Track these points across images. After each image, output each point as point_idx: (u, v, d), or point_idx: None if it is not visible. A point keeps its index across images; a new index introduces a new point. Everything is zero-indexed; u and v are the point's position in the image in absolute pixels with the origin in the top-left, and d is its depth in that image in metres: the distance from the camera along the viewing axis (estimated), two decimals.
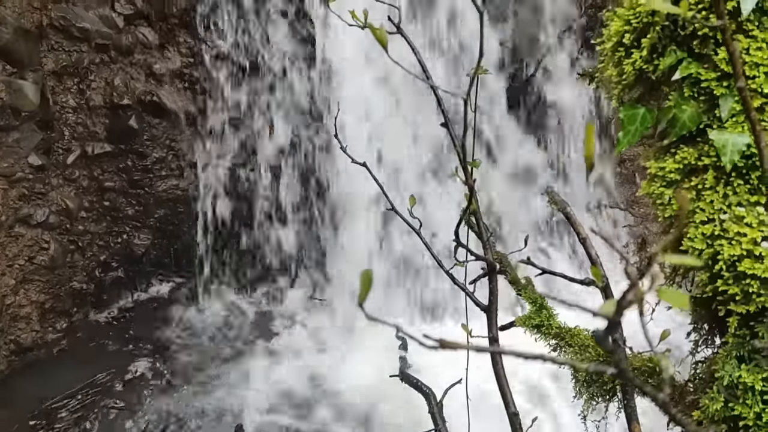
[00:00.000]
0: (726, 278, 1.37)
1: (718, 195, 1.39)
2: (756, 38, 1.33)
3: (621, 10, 1.52)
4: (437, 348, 0.60)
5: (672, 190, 1.46)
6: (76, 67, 3.97)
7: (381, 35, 1.10)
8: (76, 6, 3.97)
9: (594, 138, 0.78)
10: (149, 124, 4.25)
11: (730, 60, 0.96)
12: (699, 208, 1.43)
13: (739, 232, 1.35)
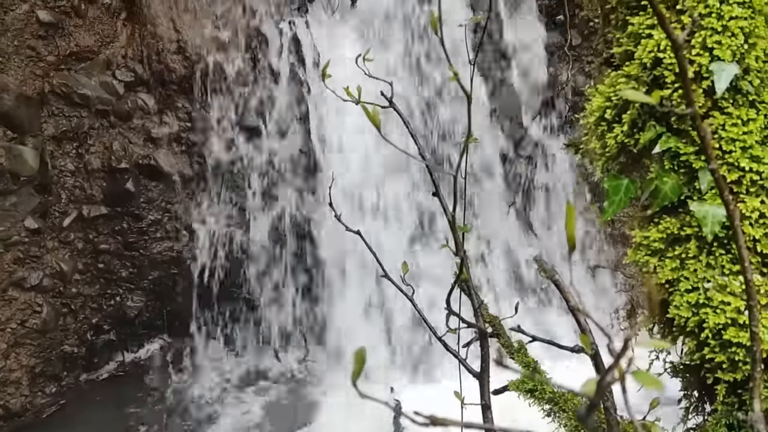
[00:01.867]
0: (712, 346, 1.40)
1: (701, 264, 1.43)
2: (731, 115, 1.39)
3: (602, 87, 1.60)
4: (428, 425, 0.62)
5: (657, 259, 1.51)
6: (76, 131, 4.06)
7: (374, 116, 1.16)
8: (78, 73, 4.09)
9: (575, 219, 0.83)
10: (146, 186, 4.31)
11: (702, 144, 1.02)
12: (683, 277, 1.47)
13: (723, 301, 1.39)
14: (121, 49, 4.29)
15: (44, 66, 3.95)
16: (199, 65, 4.43)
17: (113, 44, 4.25)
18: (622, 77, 1.55)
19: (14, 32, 3.73)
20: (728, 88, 1.38)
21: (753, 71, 1.39)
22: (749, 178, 1.37)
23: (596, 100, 1.60)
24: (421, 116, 4.36)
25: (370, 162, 4.18)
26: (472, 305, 1.58)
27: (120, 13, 4.32)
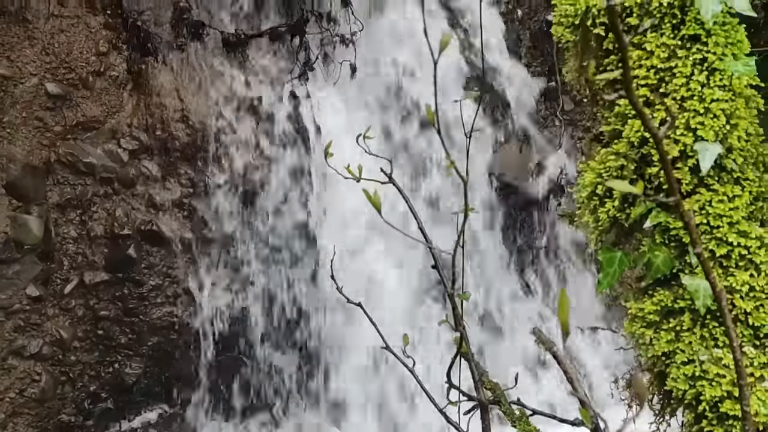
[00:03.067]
0: (710, 419, 1.42)
1: (696, 336, 1.46)
2: (717, 191, 1.45)
3: (593, 163, 1.67)
4: None
5: (652, 331, 1.54)
6: (80, 199, 4.13)
7: (375, 199, 1.22)
8: (83, 142, 4.19)
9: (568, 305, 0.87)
10: (147, 252, 4.35)
11: (687, 229, 1.07)
12: (679, 349, 1.50)
13: (719, 374, 1.41)
14: (127, 118, 4.40)
15: (51, 136, 4.05)
16: (201, 133, 4.54)
17: (119, 114, 4.37)
18: (611, 154, 1.62)
19: (23, 104, 3.85)
20: (713, 166, 1.44)
21: (736, 150, 1.46)
22: (738, 253, 1.42)
23: (588, 176, 1.66)
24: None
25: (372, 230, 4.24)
26: (473, 378, 1.60)
27: (126, 84, 4.45)
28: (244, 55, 4.90)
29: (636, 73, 1.55)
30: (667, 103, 1.47)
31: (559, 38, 1.71)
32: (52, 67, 4.01)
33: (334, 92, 4.81)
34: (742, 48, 1.49)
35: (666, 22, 1.52)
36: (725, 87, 1.46)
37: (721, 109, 1.44)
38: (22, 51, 3.90)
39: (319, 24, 4.94)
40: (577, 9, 1.63)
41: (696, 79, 1.47)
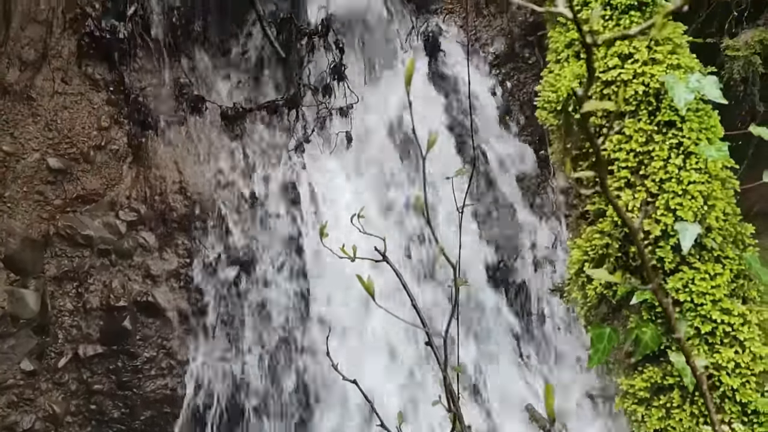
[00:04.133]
0: None
1: (686, 413, 1.48)
2: (699, 270, 1.50)
3: (579, 241, 1.72)
4: None
5: (644, 408, 1.56)
6: (77, 271, 4.15)
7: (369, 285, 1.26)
8: (82, 215, 4.24)
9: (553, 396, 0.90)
10: (143, 323, 4.34)
11: (665, 315, 1.12)
12: (670, 426, 1.52)
13: None
14: (126, 190, 4.48)
15: (51, 209, 4.11)
16: (198, 204, 4.61)
17: (118, 186, 4.44)
18: (596, 233, 1.68)
19: (25, 179, 3.92)
20: (694, 245, 1.50)
21: (715, 230, 1.51)
22: (722, 330, 1.46)
23: (575, 253, 1.72)
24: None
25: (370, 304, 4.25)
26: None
27: (126, 157, 4.55)
28: (242, 128, 5.03)
29: (617, 155, 1.63)
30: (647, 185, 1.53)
31: (543, 122, 1.80)
32: (54, 142, 4.11)
33: (330, 162, 4.91)
34: (716, 132, 1.57)
35: (642, 109, 1.60)
36: (701, 170, 1.53)
37: (699, 191, 1.51)
38: (26, 127, 4.01)
39: (315, 97, 5.09)
40: (558, 96, 1.72)
41: (673, 162, 1.54)
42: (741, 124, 3.51)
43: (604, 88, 1.68)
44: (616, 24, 1.68)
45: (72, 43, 4.26)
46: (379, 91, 5.11)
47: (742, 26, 3.50)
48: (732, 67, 3.41)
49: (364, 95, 5.01)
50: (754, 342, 1.43)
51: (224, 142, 4.91)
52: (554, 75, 1.76)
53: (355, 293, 4.24)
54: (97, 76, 4.44)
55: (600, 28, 1.69)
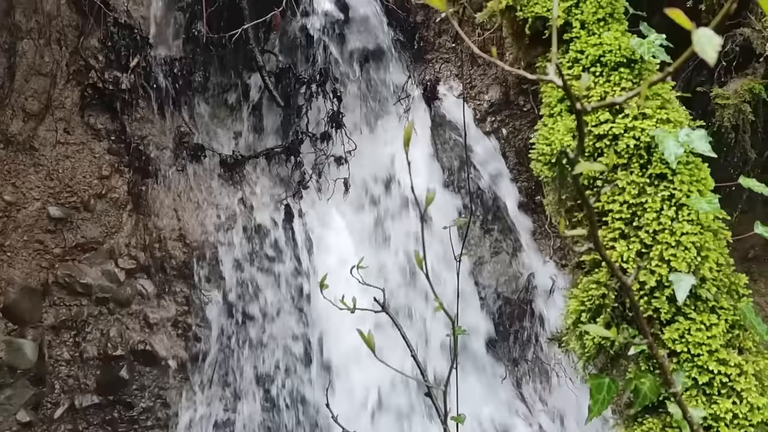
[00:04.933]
0: None
1: None
2: (694, 320, 1.52)
3: (576, 291, 1.74)
4: None
5: None
6: (75, 320, 4.14)
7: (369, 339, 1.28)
8: (81, 263, 4.25)
9: None
10: (140, 372, 4.31)
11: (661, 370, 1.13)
12: None
13: None
14: (125, 238, 4.50)
15: (50, 258, 4.13)
16: (197, 251, 4.63)
17: (118, 234, 4.47)
18: (593, 283, 1.70)
19: (25, 228, 3.95)
20: (688, 295, 1.52)
21: (709, 280, 1.54)
22: (719, 380, 1.47)
23: (572, 303, 1.74)
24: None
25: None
26: None
27: (126, 205, 4.58)
28: (240, 175, 5.09)
29: (610, 207, 1.66)
30: (641, 236, 1.56)
31: (538, 174, 1.84)
32: (55, 191, 4.15)
33: (328, 209, 4.95)
34: (707, 185, 1.61)
35: (634, 162, 1.64)
36: (693, 221, 1.56)
37: (691, 242, 1.54)
38: (27, 177, 4.05)
39: (313, 144, 5.16)
40: (552, 149, 1.77)
41: (666, 214, 1.57)
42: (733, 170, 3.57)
43: (597, 141, 1.72)
44: (606, 80, 1.74)
45: (75, 94, 4.34)
46: (377, 139, 5.18)
47: (731, 75, 3.59)
48: (722, 114, 3.49)
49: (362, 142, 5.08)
50: (751, 392, 1.44)
51: (223, 189, 4.96)
52: (548, 129, 1.80)
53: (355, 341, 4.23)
54: (99, 126, 4.51)
55: (591, 84, 1.75)
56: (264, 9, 4.88)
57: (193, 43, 4.92)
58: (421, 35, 5.50)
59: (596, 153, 1.71)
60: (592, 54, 1.76)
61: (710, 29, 0.73)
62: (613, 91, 1.73)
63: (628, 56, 1.73)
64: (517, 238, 4.86)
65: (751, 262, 3.81)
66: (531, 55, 2.03)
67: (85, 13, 4.34)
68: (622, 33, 1.80)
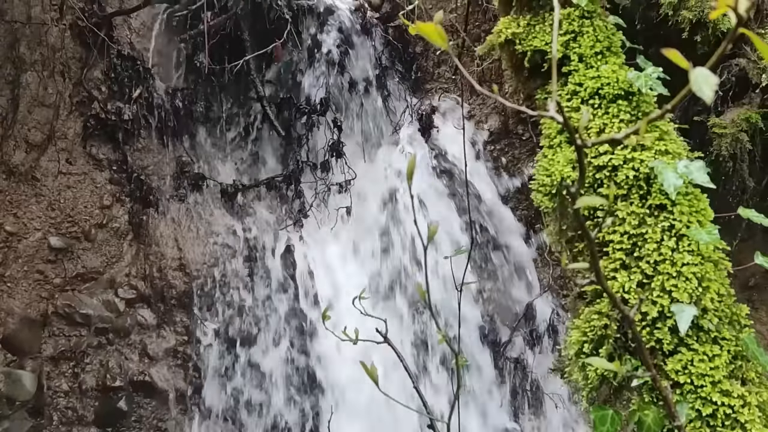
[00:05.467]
0: None
1: None
2: (697, 351, 1.52)
3: (578, 322, 1.74)
4: None
5: None
6: (74, 351, 4.12)
7: (372, 371, 1.27)
8: (81, 293, 4.25)
9: None
10: (138, 404, 4.27)
11: (664, 401, 1.13)
12: None
13: None
14: (126, 267, 4.50)
15: (50, 288, 4.12)
16: (198, 280, 4.62)
17: (118, 264, 4.47)
18: (594, 313, 1.70)
19: (26, 258, 3.95)
20: (691, 326, 1.52)
21: (711, 311, 1.54)
22: (723, 412, 1.46)
23: (574, 334, 1.74)
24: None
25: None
26: None
27: (127, 235, 4.59)
28: (241, 204, 5.11)
29: (611, 237, 1.67)
30: (641, 267, 1.56)
31: (539, 204, 1.85)
32: (56, 221, 4.16)
33: (329, 237, 4.96)
34: (706, 215, 1.62)
35: (634, 193, 1.66)
36: (694, 252, 1.57)
37: (692, 272, 1.55)
38: (29, 207, 4.07)
39: (313, 173, 5.20)
40: (552, 180, 1.78)
41: (666, 244, 1.58)
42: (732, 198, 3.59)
43: (596, 172, 1.74)
44: (604, 112, 1.76)
45: (78, 125, 4.37)
46: (377, 168, 5.21)
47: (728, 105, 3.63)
48: (720, 144, 3.52)
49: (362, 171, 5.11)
50: (755, 424, 1.44)
51: (224, 218, 4.97)
52: (548, 160, 1.82)
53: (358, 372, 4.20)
54: (101, 156, 4.54)
55: (590, 116, 1.77)
56: (265, 40, 4.96)
57: (195, 74, 4.98)
58: (420, 65, 5.57)
59: (596, 184, 1.73)
60: (591, 86, 1.78)
61: (706, 69, 0.75)
62: (611, 123, 1.75)
63: (625, 89, 1.76)
64: (516, 266, 4.86)
65: (752, 290, 3.81)
66: (530, 87, 2.05)
67: (88, 45, 4.40)
68: (620, 66, 1.83)
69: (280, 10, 5.04)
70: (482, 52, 2.00)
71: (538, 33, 1.91)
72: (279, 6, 5.05)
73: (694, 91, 0.74)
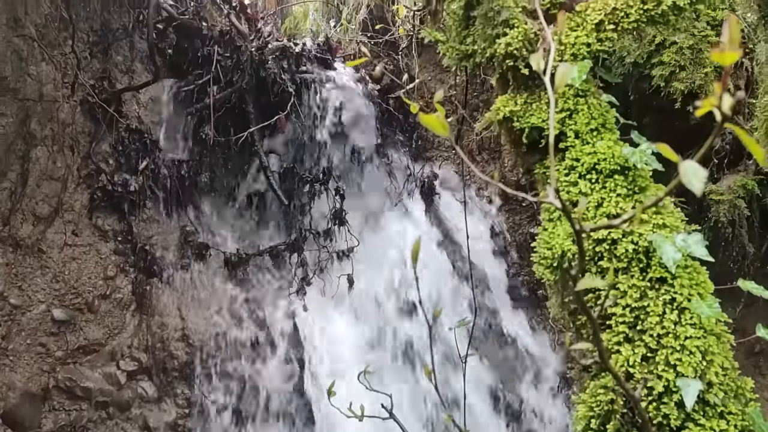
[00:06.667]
0: None
1: None
2: (704, 426, 1.51)
3: (585, 396, 1.74)
4: None
5: None
6: (74, 426, 4.05)
7: None
8: (82, 366, 4.21)
9: None
10: None
11: None
12: None
13: None
14: (128, 338, 4.48)
15: (52, 361, 4.09)
16: (200, 351, 4.59)
17: (120, 335, 4.45)
18: (600, 387, 1.70)
19: (29, 331, 3.94)
20: (696, 401, 1.52)
21: (716, 385, 1.54)
22: None
23: (581, 409, 1.73)
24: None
25: None
26: None
27: (130, 305, 4.59)
28: (244, 273, 5.13)
29: (613, 310, 1.69)
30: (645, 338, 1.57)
31: (540, 277, 1.88)
32: (60, 293, 4.17)
33: (331, 305, 4.95)
34: (707, 288, 1.64)
35: (634, 266, 1.68)
36: (696, 325, 1.58)
37: (696, 346, 1.56)
38: (34, 280, 4.08)
39: (316, 241, 5.23)
40: (553, 253, 1.81)
41: (668, 317, 1.60)
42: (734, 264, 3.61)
43: (596, 245, 1.77)
44: (602, 187, 1.81)
45: (84, 197, 4.44)
46: (378, 235, 5.26)
47: (723, 172, 3.70)
48: (718, 210, 3.57)
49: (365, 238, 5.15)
50: None
51: (227, 287, 4.98)
52: (548, 233, 1.86)
53: None
54: (107, 227, 4.58)
55: (588, 190, 1.82)
56: (269, 112, 5.09)
57: (201, 146, 5.08)
58: (420, 134, 5.70)
59: (596, 257, 1.76)
60: (588, 162, 1.84)
61: (695, 162, 0.79)
62: (609, 197, 1.79)
63: (621, 164, 1.81)
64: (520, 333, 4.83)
65: (758, 356, 3.78)
66: (529, 162, 2.11)
67: (98, 120, 4.52)
68: (615, 142, 1.88)
69: (284, 83, 5.19)
70: (481, 129, 2.06)
71: (534, 111, 1.98)
72: (283, 80, 5.21)
73: (684, 184, 0.78)
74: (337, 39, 6.33)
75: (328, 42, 5.92)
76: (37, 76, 3.95)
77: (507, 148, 2.16)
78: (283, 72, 5.23)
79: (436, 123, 1.02)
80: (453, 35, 2.15)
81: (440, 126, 1.03)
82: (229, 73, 5.05)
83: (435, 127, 1.03)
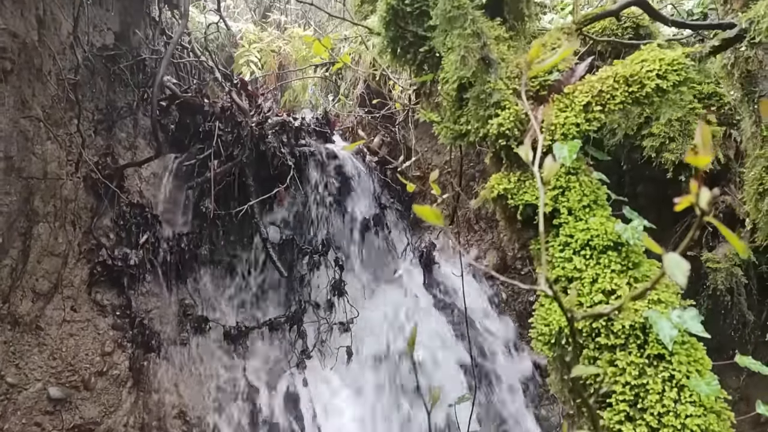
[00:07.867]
0: None
1: None
2: None
3: None
4: None
5: None
6: None
7: None
8: None
9: None
10: None
11: None
12: None
13: None
14: (124, 417, 4.40)
15: None
16: (198, 429, 4.50)
17: (116, 413, 4.37)
18: None
19: (24, 410, 3.87)
20: None
21: None
22: None
23: None
24: None
25: None
26: None
27: (126, 382, 4.53)
28: (244, 346, 5.09)
29: (613, 388, 1.68)
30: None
31: (539, 352, 1.88)
32: (57, 371, 4.12)
33: (332, 377, 4.89)
34: (705, 364, 1.64)
35: (632, 342, 1.69)
36: (696, 403, 1.58)
37: (696, 424, 1.55)
38: (31, 358, 4.04)
39: (316, 313, 5.22)
40: (551, 330, 1.82)
41: (668, 395, 1.59)
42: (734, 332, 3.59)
43: (593, 321, 1.78)
44: (596, 263, 1.83)
45: (84, 272, 4.45)
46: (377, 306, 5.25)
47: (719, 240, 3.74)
48: (716, 278, 3.58)
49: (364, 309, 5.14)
50: None
51: (226, 361, 4.93)
52: (545, 309, 1.87)
53: None
54: (105, 302, 4.57)
55: (582, 266, 1.84)
56: (269, 185, 5.17)
57: (201, 218, 5.14)
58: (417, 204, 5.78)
59: (593, 333, 1.77)
60: (581, 238, 1.87)
61: (678, 254, 0.82)
62: (603, 273, 1.82)
63: (614, 240, 1.84)
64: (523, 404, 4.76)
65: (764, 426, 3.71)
66: (524, 237, 2.14)
67: (100, 195, 4.58)
68: (607, 218, 1.92)
69: (284, 156, 5.30)
70: (476, 206, 2.11)
71: (528, 188, 2.03)
72: (282, 153, 5.32)
73: (668, 276, 0.80)
74: (335, 113, 6.50)
75: (326, 115, 6.07)
76: (42, 154, 4.03)
77: (502, 224, 2.20)
78: (282, 146, 5.34)
79: (429, 213, 1.06)
80: (447, 115, 2.23)
81: (434, 216, 1.06)
82: (229, 147, 5.16)
83: (429, 217, 1.06)
